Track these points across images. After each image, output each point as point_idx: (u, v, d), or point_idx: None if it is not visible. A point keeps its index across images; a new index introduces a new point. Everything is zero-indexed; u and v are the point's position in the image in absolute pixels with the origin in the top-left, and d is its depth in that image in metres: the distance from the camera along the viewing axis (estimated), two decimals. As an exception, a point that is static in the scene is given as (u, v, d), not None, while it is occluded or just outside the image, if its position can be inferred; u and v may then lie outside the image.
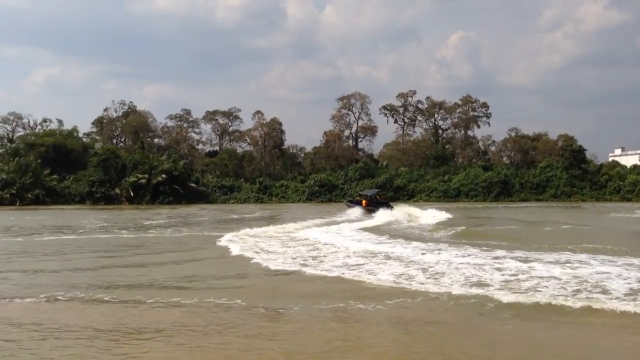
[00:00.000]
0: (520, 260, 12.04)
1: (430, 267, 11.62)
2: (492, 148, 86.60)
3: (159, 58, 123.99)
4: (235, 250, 15.16)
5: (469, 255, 13.15)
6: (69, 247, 16.77)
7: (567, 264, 11.60)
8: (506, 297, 8.52)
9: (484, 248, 14.38)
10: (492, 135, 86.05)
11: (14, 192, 57.42)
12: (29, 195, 57.40)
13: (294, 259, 13.39)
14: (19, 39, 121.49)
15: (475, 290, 9.11)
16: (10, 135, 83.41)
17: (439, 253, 13.74)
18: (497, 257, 12.59)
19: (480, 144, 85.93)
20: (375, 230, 21.37)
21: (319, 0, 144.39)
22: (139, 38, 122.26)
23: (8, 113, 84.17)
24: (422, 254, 13.67)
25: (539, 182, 62.69)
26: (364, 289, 9.65)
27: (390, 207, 36.36)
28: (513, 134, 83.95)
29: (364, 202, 37.99)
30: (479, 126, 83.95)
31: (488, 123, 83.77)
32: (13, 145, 75.04)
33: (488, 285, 9.61)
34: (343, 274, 11.12)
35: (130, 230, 23.25)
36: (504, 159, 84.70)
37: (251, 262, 13.03)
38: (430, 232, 20.67)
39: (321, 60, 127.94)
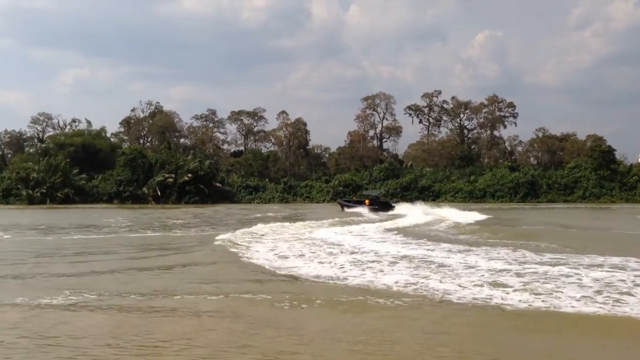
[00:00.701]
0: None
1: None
2: (519, 148, 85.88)
3: (185, 59, 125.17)
4: (269, 258, 13.93)
5: (527, 261, 12.46)
6: (93, 246, 17.06)
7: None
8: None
9: (538, 253, 14.13)
10: (518, 136, 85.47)
11: (44, 191, 58.61)
12: (59, 195, 58.49)
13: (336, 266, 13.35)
14: (47, 41, 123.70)
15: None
16: (40, 136, 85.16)
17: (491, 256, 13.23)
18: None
19: (507, 144, 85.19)
20: (415, 233, 21.20)
21: (343, 1, 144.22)
22: (166, 39, 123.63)
23: (38, 113, 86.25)
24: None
25: (567, 183, 61.82)
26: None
27: (392, 207, 39.44)
28: (540, 134, 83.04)
29: (367, 201, 40.29)
30: (505, 126, 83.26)
31: (515, 123, 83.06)
32: (43, 145, 76.55)
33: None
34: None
35: (154, 230, 23.58)
36: (531, 159, 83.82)
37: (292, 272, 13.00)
38: (470, 234, 20.18)
39: (346, 60, 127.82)
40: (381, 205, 40.31)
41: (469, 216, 30.75)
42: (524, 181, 60.94)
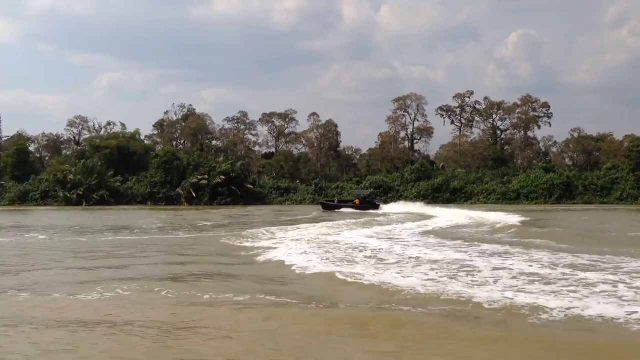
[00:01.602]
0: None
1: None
2: (554, 149, 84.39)
3: (217, 61, 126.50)
4: (312, 261, 13.34)
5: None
6: (123, 247, 17.36)
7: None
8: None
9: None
10: (553, 136, 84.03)
11: (81, 193, 59.83)
12: (95, 196, 59.64)
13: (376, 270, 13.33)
14: (85, 45, 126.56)
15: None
16: (76, 138, 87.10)
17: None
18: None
19: (541, 145, 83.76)
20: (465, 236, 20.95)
21: (374, 1, 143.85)
22: (198, 42, 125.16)
23: (75, 117, 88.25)
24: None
25: (603, 185, 60.40)
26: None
27: (378, 206, 44.04)
28: (576, 135, 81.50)
29: (357, 201, 44.96)
30: (539, 127, 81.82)
31: (549, 123, 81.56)
32: (80, 147, 78.29)
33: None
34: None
35: (185, 231, 23.92)
36: (566, 160, 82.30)
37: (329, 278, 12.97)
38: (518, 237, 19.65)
39: (377, 61, 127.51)
40: (370, 204, 44.57)
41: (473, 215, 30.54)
42: (559, 182, 59.75)
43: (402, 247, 16.01)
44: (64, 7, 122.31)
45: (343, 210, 43.74)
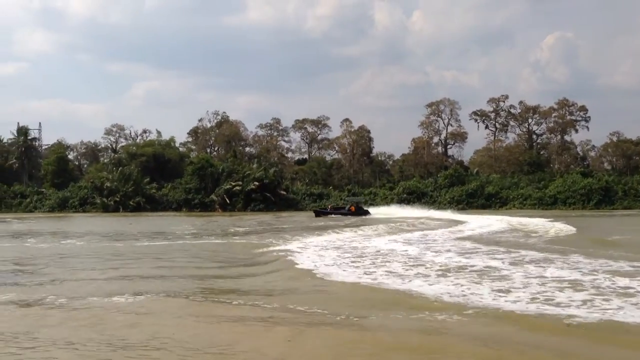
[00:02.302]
0: None
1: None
2: (592, 153, 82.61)
3: (250, 69, 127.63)
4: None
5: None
6: (155, 253, 17.63)
7: None
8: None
9: None
10: (591, 140, 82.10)
11: (118, 199, 60.99)
12: (131, 203, 60.70)
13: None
14: (122, 55, 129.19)
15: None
16: (114, 146, 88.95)
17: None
18: None
19: (579, 149, 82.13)
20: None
21: (407, 6, 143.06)
22: (232, 50, 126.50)
23: (112, 125, 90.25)
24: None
25: (644, 190, 58.76)
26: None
27: (368, 212, 46.24)
28: (615, 138, 79.50)
29: (352, 207, 47.21)
30: (576, 131, 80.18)
31: (587, 127, 79.86)
32: (116, 155, 79.89)
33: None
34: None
35: (217, 236, 24.20)
36: (605, 164, 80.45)
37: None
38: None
39: (409, 66, 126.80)
40: (363, 211, 46.83)
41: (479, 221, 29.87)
42: (598, 187, 58.35)
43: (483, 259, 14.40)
44: (102, 18, 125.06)
45: (334, 215, 45.01)
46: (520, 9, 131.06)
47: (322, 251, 17.05)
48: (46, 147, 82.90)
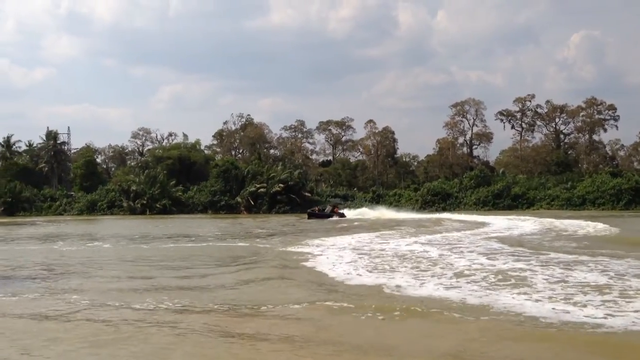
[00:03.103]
0: None
1: None
2: (621, 153, 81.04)
3: (274, 71, 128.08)
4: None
5: None
6: (178, 256, 17.83)
7: None
8: None
9: None
10: (620, 139, 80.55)
11: (144, 202, 61.79)
12: (157, 205, 61.43)
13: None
14: (147, 59, 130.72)
15: None
16: (140, 149, 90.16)
17: None
18: None
19: (607, 148, 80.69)
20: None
21: (431, 6, 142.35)
22: (255, 53, 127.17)
23: (138, 129, 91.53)
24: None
25: (676, 189, 57.44)
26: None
27: (344, 215, 45.19)
28: (645, 137, 78.01)
29: (336, 209, 46.05)
30: (605, 130, 78.86)
31: (616, 126, 78.45)
32: (143, 158, 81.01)
33: None
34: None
35: (241, 239, 24.42)
36: (635, 164, 78.85)
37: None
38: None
39: (433, 66, 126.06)
40: (339, 213, 45.65)
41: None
42: (627, 187, 57.19)
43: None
44: (127, 23, 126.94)
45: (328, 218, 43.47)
46: (545, 7, 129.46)
47: (353, 254, 17.04)
48: (75, 151, 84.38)
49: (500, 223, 31.51)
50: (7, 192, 64.85)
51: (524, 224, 30.77)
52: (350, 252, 17.19)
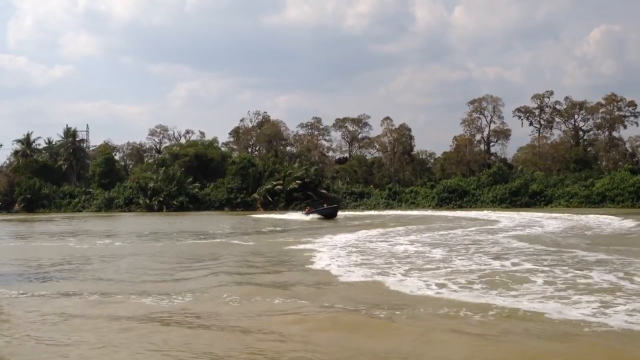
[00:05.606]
0: None
1: None
2: (642, 149, 79.83)
3: (290, 68, 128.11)
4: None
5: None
6: (190, 254, 17.96)
7: None
8: None
9: None
10: (641, 136, 79.42)
11: (162, 199, 62.22)
12: (174, 202, 61.82)
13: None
14: (164, 56, 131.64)
15: None
16: (157, 147, 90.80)
17: None
18: None
19: (628, 145, 79.48)
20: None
21: (448, 2, 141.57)
22: (271, 49, 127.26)
23: (156, 126, 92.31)
24: None
25: (697, 186, 56.50)
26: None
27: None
28: (666, 134, 76.78)
29: (325, 205, 45.69)
30: (625, 127, 77.60)
31: (636, 123, 77.16)
32: (160, 155, 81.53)
33: None
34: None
35: (251, 236, 24.58)
36: (656, 161, 77.72)
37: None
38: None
39: (451, 63, 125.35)
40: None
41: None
42: (647, 185, 56.47)
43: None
44: (144, 20, 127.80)
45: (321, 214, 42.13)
46: (565, 2, 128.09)
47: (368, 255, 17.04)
48: (93, 148, 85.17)
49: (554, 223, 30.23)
50: (27, 189, 65.67)
51: (551, 221, 30.49)
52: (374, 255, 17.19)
